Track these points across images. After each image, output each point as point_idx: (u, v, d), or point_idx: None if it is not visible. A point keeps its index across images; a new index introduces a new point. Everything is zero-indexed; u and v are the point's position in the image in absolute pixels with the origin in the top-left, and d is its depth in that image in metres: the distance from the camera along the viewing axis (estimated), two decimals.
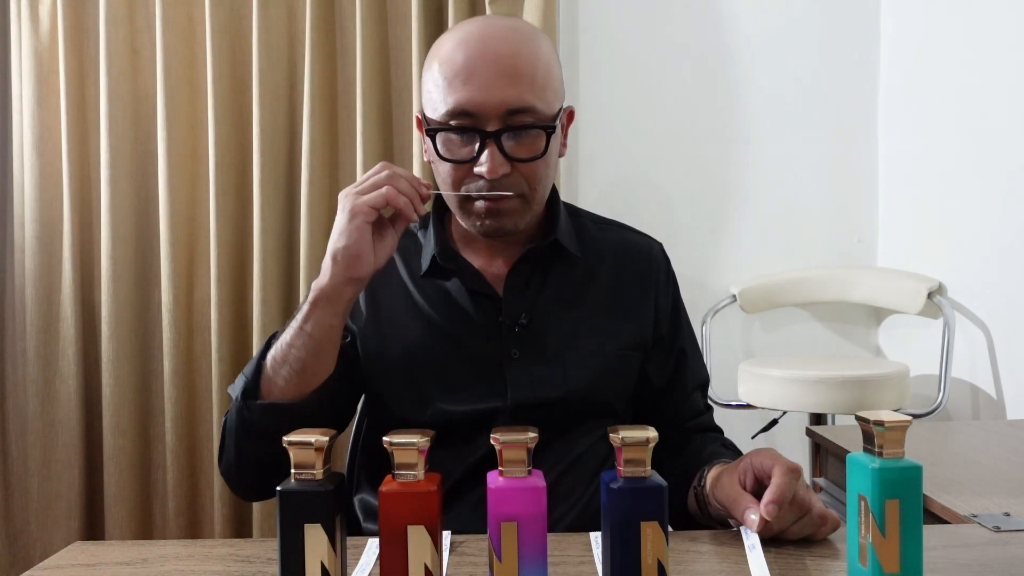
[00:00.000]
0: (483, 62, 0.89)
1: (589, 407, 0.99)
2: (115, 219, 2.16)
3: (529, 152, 0.91)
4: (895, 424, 0.61)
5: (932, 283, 2.09)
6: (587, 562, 0.71)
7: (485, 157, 0.89)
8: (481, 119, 0.89)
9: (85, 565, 0.73)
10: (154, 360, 2.23)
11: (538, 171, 0.93)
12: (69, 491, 2.19)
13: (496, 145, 0.89)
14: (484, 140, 0.89)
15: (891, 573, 0.61)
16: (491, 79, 0.88)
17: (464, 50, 0.90)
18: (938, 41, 2.14)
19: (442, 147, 0.92)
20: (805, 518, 0.75)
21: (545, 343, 0.98)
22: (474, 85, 0.88)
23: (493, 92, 0.88)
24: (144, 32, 2.21)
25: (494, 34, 0.92)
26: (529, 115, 0.90)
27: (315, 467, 0.59)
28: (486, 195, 0.91)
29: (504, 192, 0.91)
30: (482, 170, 0.89)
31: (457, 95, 0.89)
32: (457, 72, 0.89)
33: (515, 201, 0.93)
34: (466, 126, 0.89)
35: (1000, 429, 1.37)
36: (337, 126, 2.22)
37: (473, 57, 0.89)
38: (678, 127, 2.34)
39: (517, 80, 0.89)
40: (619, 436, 0.59)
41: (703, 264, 2.34)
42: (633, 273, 1.05)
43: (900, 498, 0.60)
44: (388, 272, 1.02)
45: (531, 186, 0.93)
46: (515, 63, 0.89)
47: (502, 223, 0.93)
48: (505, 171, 0.90)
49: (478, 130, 0.89)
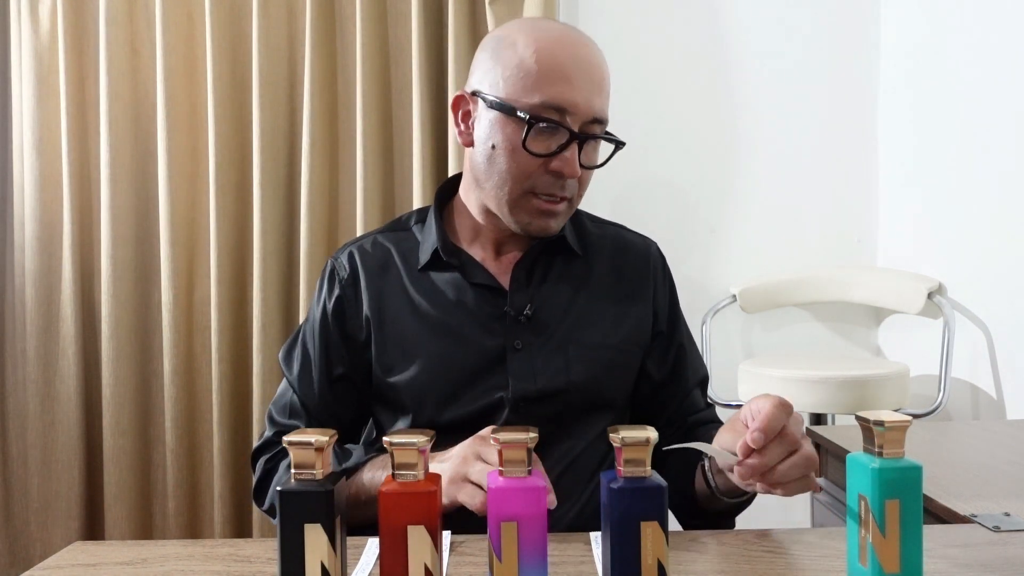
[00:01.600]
0: (583, 66, 0.92)
1: (590, 401, 0.99)
2: (115, 219, 2.16)
3: (591, 161, 0.96)
4: (895, 424, 0.61)
5: (932, 283, 2.09)
6: (587, 562, 0.71)
7: (570, 156, 0.92)
8: (572, 120, 0.91)
9: (85, 565, 0.73)
10: (154, 360, 2.23)
11: (589, 178, 0.98)
12: (69, 491, 2.19)
13: (579, 148, 0.92)
14: (572, 140, 0.92)
15: (891, 573, 0.61)
16: (587, 84, 0.91)
17: (561, 49, 0.92)
18: (938, 41, 2.14)
19: (530, 138, 0.92)
20: (795, 456, 0.73)
21: (548, 334, 0.99)
22: (574, 86, 0.91)
23: (588, 96, 0.91)
24: (144, 32, 2.21)
25: (581, 40, 0.95)
26: (604, 127, 0.95)
27: (315, 467, 0.59)
28: (552, 195, 0.94)
29: (568, 196, 0.95)
30: (562, 167, 0.92)
31: (557, 89, 0.90)
32: (555, 67, 0.91)
33: (565, 205, 0.97)
34: (556, 122, 0.91)
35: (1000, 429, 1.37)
36: (337, 126, 2.22)
37: (572, 58, 0.91)
38: (678, 127, 2.34)
39: (603, 91, 0.94)
40: (619, 436, 0.59)
41: (703, 264, 2.33)
42: (631, 270, 1.06)
43: (900, 498, 0.60)
44: (387, 269, 1.03)
45: (580, 192, 0.98)
46: (602, 73, 0.94)
47: (549, 224, 0.97)
48: (578, 175, 0.93)
49: (568, 129, 0.91)
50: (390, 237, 1.06)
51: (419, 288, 1.01)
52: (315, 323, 1.03)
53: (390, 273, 1.02)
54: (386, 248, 1.04)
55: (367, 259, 1.04)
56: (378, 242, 1.06)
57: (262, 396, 2.13)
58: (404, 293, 1.01)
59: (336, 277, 1.04)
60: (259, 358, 2.14)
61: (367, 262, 1.03)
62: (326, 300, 1.03)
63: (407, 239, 1.05)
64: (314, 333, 1.03)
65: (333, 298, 1.02)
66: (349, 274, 1.03)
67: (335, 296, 1.02)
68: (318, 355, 1.02)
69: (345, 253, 1.05)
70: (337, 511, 0.59)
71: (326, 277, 1.05)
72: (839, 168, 2.35)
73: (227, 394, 2.17)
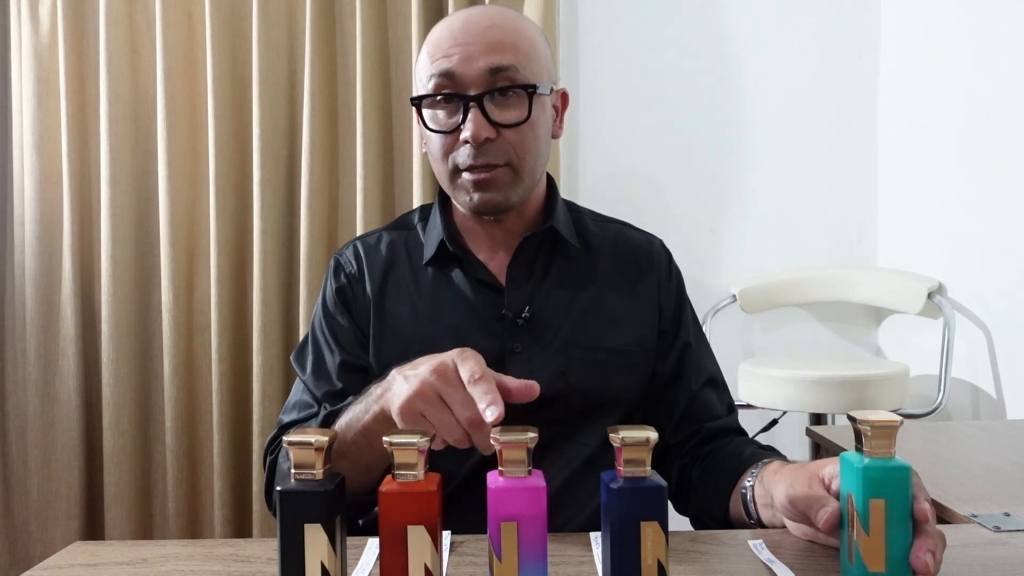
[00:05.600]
0: (463, 33, 0.91)
1: (592, 403, 0.97)
2: (115, 219, 2.16)
3: (514, 117, 0.91)
4: (883, 424, 0.61)
5: (932, 283, 2.09)
6: (587, 562, 0.71)
7: (468, 120, 0.89)
8: (463, 84, 0.90)
9: (85, 565, 0.73)
10: (154, 360, 2.23)
11: (524, 138, 0.92)
12: (69, 491, 2.19)
13: (479, 109, 0.89)
14: (467, 105, 0.89)
15: (875, 572, 0.61)
16: (471, 46, 0.90)
17: (447, 26, 0.93)
18: (938, 41, 2.14)
19: (429, 119, 0.92)
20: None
21: (548, 337, 0.97)
22: (454, 52, 0.90)
23: (473, 56, 0.90)
24: (144, 32, 2.21)
25: (479, 11, 0.94)
26: (509, 75, 0.90)
27: (315, 467, 0.59)
28: (473, 164, 0.91)
29: (492, 161, 0.91)
30: (466, 134, 0.89)
31: (437, 64, 0.91)
32: (439, 45, 0.92)
33: (504, 171, 0.92)
34: (449, 93, 0.90)
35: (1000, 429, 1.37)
36: (337, 126, 2.22)
37: (456, 30, 0.92)
38: (678, 127, 2.34)
39: (498, 46, 0.90)
40: (619, 436, 0.59)
41: (703, 264, 2.34)
42: (634, 269, 1.04)
43: (885, 498, 0.60)
44: (391, 266, 1.02)
45: (519, 155, 0.92)
46: (496, 32, 0.91)
47: (492, 196, 0.93)
48: (489, 135, 0.90)
49: (461, 96, 0.90)
50: (395, 235, 1.06)
51: (421, 287, 1.00)
52: (321, 318, 1.03)
53: (394, 270, 1.02)
54: (392, 245, 1.04)
55: (372, 254, 1.03)
56: (384, 238, 1.05)
57: (262, 396, 2.13)
58: (406, 291, 1.00)
59: (341, 270, 1.03)
60: (259, 358, 2.14)
61: (372, 257, 1.03)
62: (332, 291, 1.03)
63: (411, 237, 1.05)
64: (322, 327, 1.02)
65: (337, 288, 1.02)
66: (354, 267, 1.03)
67: (339, 286, 1.02)
68: (329, 345, 1.00)
69: (350, 248, 1.05)
70: (337, 511, 0.59)
71: (331, 271, 1.05)
72: (839, 168, 2.35)
73: (227, 394, 2.17)
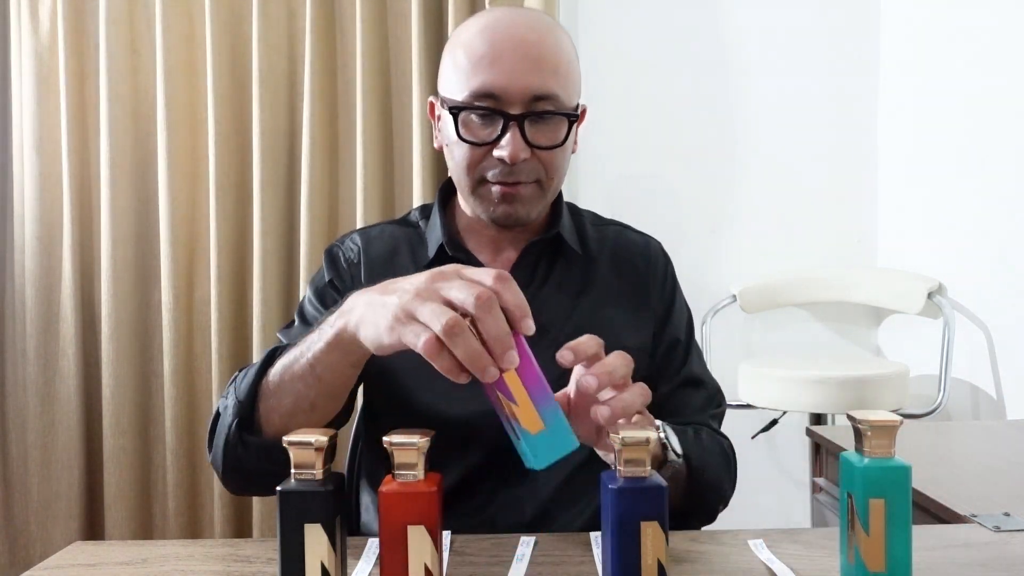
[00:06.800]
0: (510, 46, 0.89)
1: None
2: (115, 219, 2.16)
3: (549, 140, 0.91)
4: (883, 424, 0.61)
5: (932, 283, 2.09)
6: (587, 562, 0.71)
7: (507, 140, 0.89)
8: (505, 103, 0.89)
9: (85, 565, 0.73)
10: (154, 360, 2.23)
11: (556, 160, 0.93)
12: (69, 491, 2.19)
13: (519, 129, 0.89)
14: (507, 123, 0.89)
15: (875, 571, 0.61)
16: (517, 64, 0.88)
17: (489, 35, 0.90)
18: (938, 41, 2.14)
19: (463, 128, 0.91)
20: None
21: (548, 341, 0.97)
22: (500, 69, 0.88)
23: (518, 77, 0.88)
24: (144, 32, 2.21)
25: (520, 21, 0.92)
26: (552, 102, 0.90)
27: (315, 467, 0.59)
28: (504, 181, 0.90)
29: (522, 179, 0.91)
30: (503, 153, 0.89)
31: (482, 77, 0.88)
32: (482, 55, 0.89)
33: (531, 188, 0.93)
34: (490, 108, 0.89)
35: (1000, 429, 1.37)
36: (337, 126, 2.22)
37: (499, 41, 0.89)
38: (678, 127, 2.34)
39: (542, 67, 0.89)
40: (619, 436, 0.59)
41: (703, 264, 2.33)
42: (633, 271, 1.04)
43: (885, 497, 0.60)
44: (393, 259, 1.01)
45: (548, 174, 0.93)
46: (540, 50, 0.90)
47: (516, 210, 0.93)
48: (526, 156, 0.90)
49: (502, 113, 0.89)
50: (398, 230, 1.05)
51: None
52: (311, 296, 1.01)
53: (395, 263, 1.00)
54: (395, 239, 1.03)
55: (373, 245, 1.02)
56: (386, 232, 1.04)
57: None
58: None
59: (340, 256, 1.02)
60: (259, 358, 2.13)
61: (373, 248, 1.02)
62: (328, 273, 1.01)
63: (414, 234, 1.04)
64: (312, 301, 1.00)
65: (334, 271, 1.01)
66: (354, 255, 1.01)
67: (337, 271, 1.01)
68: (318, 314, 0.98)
69: (350, 237, 1.04)
70: (337, 511, 0.59)
71: (326, 262, 1.03)
72: (839, 168, 2.35)
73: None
